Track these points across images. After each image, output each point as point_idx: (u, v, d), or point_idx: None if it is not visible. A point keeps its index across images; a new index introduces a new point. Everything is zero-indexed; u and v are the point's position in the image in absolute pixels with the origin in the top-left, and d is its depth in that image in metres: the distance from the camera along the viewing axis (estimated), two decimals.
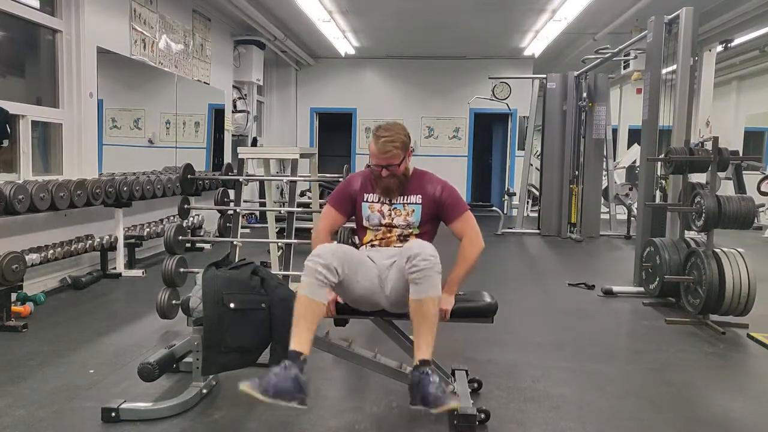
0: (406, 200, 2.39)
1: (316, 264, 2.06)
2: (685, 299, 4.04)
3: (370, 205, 2.41)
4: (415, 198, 2.38)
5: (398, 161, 2.32)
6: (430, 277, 2.04)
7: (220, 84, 7.78)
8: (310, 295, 2.06)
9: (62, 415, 2.32)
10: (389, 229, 2.38)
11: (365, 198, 2.42)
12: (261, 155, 4.68)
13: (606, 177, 8.41)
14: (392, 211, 2.39)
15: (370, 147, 2.37)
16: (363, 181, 2.45)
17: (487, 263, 6.06)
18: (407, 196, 2.39)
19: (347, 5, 7.44)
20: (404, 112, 10.89)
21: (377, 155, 2.32)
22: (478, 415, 2.24)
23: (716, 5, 6.84)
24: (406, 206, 2.38)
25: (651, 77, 4.87)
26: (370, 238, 2.42)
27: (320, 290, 2.07)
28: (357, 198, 2.43)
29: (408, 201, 2.39)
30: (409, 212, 2.38)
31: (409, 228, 2.37)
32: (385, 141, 2.30)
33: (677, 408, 2.57)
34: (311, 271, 2.06)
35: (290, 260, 3.81)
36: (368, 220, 2.42)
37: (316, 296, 2.06)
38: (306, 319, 2.04)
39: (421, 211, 2.37)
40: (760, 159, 10.55)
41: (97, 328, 3.49)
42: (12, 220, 3.90)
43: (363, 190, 2.43)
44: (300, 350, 2.00)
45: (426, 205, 2.37)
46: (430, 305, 2.06)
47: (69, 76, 4.70)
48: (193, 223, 6.24)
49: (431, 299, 2.06)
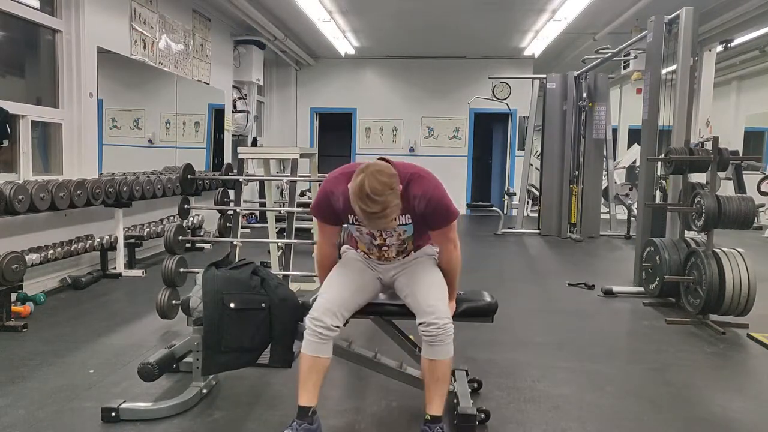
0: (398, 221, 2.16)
1: (317, 327, 2.05)
2: (685, 299, 4.04)
3: (358, 227, 2.20)
4: (404, 219, 2.14)
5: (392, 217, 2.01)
6: (443, 341, 2.06)
7: (220, 84, 7.79)
8: (314, 353, 2.06)
9: (62, 415, 2.32)
10: (383, 248, 2.26)
11: (350, 220, 2.16)
12: (261, 155, 4.68)
13: (606, 177, 8.41)
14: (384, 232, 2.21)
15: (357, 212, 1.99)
16: (344, 202, 2.07)
17: (487, 263, 6.06)
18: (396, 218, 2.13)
19: (347, 5, 7.44)
20: (404, 112, 10.91)
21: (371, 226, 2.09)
22: (478, 415, 2.24)
23: (716, 5, 6.84)
24: (396, 228, 2.17)
25: (651, 77, 4.87)
26: (365, 250, 2.32)
27: (325, 347, 2.07)
28: (342, 217, 2.18)
29: (399, 222, 2.15)
30: (401, 232, 2.20)
31: (404, 244, 2.26)
32: (378, 218, 1.94)
33: (677, 408, 2.57)
34: (313, 333, 2.05)
35: (290, 260, 3.81)
36: (359, 238, 2.29)
37: (321, 353, 2.07)
38: (311, 378, 2.06)
39: (413, 228, 2.19)
40: (760, 159, 10.55)
41: (97, 328, 3.49)
42: (12, 220, 3.90)
43: (347, 211, 2.11)
44: (309, 405, 2.05)
45: (416, 222, 2.17)
46: (444, 367, 2.09)
47: (69, 76, 4.70)
48: (193, 223, 6.24)
49: (444, 362, 2.08)
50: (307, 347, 2.07)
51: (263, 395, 2.56)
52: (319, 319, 2.05)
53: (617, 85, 10.23)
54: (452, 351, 2.10)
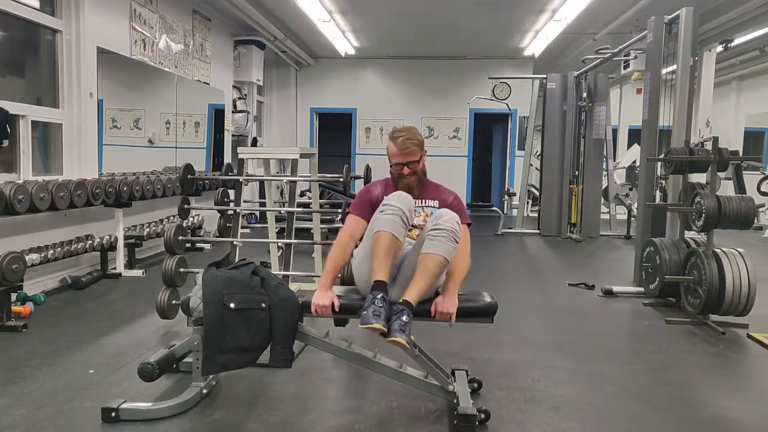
0: (424, 203, 2.52)
1: (396, 212, 2.20)
2: (685, 299, 4.04)
3: None
4: (432, 202, 2.53)
5: (417, 158, 2.48)
6: (445, 239, 2.19)
7: (220, 84, 7.79)
8: (396, 232, 2.19)
9: (62, 415, 2.32)
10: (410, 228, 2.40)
11: None
12: (261, 155, 4.68)
13: (606, 177, 8.41)
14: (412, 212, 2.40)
15: (388, 149, 2.50)
16: (383, 188, 2.53)
17: (487, 263, 6.05)
18: (425, 200, 2.53)
19: (347, 5, 7.44)
20: (404, 112, 10.90)
21: (397, 153, 2.46)
22: (478, 415, 2.24)
23: (716, 5, 6.84)
24: (424, 208, 2.50)
25: (651, 77, 4.87)
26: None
27: (403, 231, 2.23)
28: (377, 203, 2.40)
29: (426, 204, 2.52)
30: (428, 214, 2.48)
31: None
32: (403, 139, 2.46)
33: (677, 408, 2.57)
34: (394, 214, 2.19)
35: (290, 260, 3.81)
36: None
37: (400, 235, 2.20)
38: (390, 255, 2.19)
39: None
40: (760, 159, 10.56)
41: (97, 328, 3.49)
42: (12, 220, 3.90)
43: (383, 194, 2.46)
44: (385, 280, 2.17)
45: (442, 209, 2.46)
46: (434, 261, 2.18)
47: (69, 76, 4.69)
48: (193, 223, 6.24)
49: (438, 257, 2.18)
50: (388, 226, 2.19)
51: (263, 395, 2.56)
52: (398, 207, 2.21)
53: (617, 85, 10.22)
54: (449, 253, 2.20)
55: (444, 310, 2.21)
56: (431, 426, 2.29)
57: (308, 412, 2.38)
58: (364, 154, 10.77)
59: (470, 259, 2.43)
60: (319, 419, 2.33)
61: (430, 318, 2.24)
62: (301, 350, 2.64)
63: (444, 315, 2.21)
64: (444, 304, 2.22)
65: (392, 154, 2.48)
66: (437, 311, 2.22)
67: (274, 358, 2.31)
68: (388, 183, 2.56)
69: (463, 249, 2.37)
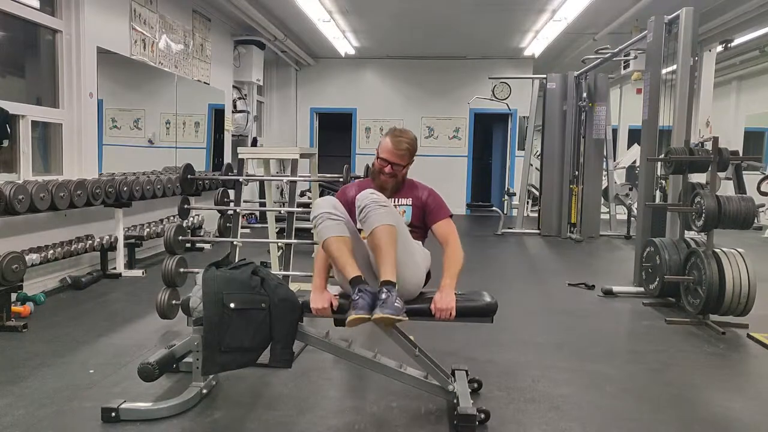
0: (398, 202, 2.56)
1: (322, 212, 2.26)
2: (685, 299, 4.04)
3: None
4: (405, 200, 2.57)
5: (404, 163, 2.52)
6: (372, 212, 2.21)
7: (220, 84, 7.79)
8: (338, 233, 2.24)
9: (62, 415, 2.32)
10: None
11: None
12: (261, 155, 4.68)
13: (606, 177, 8.41)
14: None
15: (383, 143, 2.53)
16: (357, 190, 2.53)
17: (487, 263, 6.06)
18: (398, 198, 2.57)
19: (347, 5, 7.44)
20: (404, 112, 10.91)
21: (390, 150, 2.49)
22: (478, 415, 2.24)
23: (716, 5, 6.84)
24: (397, 207, 2.51)
25: (651, 77, 4.87)
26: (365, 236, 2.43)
27: (342, 226, 2.26)
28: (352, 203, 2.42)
29: (399, 203, 2.56)
30: (400, 212, 2.49)
31: None
32: (401, 141, 2.51)
33: (677, 408, 2.57)
34: (326, 219, 2.25)
35: (290, 260, 3.81)
36: None
37: (342, 232, 2.24)
38: (344, 253, 2.23)
39: (411, 211, 2.53)
40: (760, 159, 10.54)
41: (97, 328, 3.49)
42: (12, 220, 3.90)
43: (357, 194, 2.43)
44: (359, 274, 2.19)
45: (415, 206, 2.55)
46: (379, 234, 2.19)
47: (69, 76, 4.70)
48: (193, 223, 6.24)
49: (378, 229, 2.19)
50: (328, 231, 2.25)
51: (263, 395, 2.56)
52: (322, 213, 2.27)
53: (617, 85, 10.22)
54: (382, 220, 2.21)
55: (443, 306, 2.20)
56: (431, 426, 2.29)
57: (308, 412, 2.38)
58: (364, 154, 10.76)
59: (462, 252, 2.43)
60: (319, 419, 2.33)
61: (431, 318, 2.23)
62: (301, 350, 2.65)
63: (444, 311, 2.20)
64: (442, 301, 2.22)
65: (383, 149, 2.52)
66: (437, 309, 2.21)
67: (274, 358, 2.31)
68: (361, 185, 2.60)
69: (453, 241, 2.44)
